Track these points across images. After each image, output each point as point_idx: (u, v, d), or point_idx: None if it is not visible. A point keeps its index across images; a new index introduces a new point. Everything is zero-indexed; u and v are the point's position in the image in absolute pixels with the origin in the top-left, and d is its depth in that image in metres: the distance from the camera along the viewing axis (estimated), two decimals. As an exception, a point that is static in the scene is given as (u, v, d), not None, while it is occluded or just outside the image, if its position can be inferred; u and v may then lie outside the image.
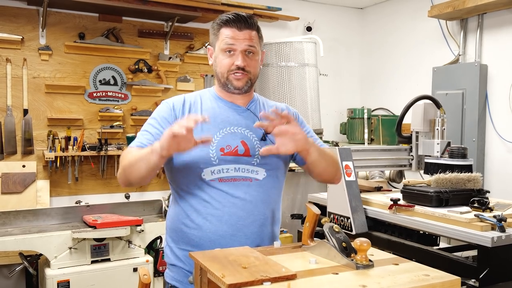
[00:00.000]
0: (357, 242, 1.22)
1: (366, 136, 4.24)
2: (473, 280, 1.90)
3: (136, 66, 3.82)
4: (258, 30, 1.64)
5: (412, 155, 2.99)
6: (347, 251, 1.26)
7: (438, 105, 2.88)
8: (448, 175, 2.42)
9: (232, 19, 1.59)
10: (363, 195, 2.73)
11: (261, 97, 1.79)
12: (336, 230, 1.33)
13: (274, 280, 1.09)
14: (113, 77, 3.76)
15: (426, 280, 1.10)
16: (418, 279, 1.11)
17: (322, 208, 2.98)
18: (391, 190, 3.06)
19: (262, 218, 1.63)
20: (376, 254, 1.36)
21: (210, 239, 1.58)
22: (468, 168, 2.60)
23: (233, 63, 1.59)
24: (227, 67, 1.60)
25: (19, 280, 3.26)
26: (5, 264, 3.14)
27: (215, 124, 1.61)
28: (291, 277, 1.11)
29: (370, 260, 1.22)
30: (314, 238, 1.49)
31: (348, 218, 2.58)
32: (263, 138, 1.64)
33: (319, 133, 4.00)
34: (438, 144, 2.81)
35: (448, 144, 2.82)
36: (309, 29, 4.54)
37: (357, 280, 1.11)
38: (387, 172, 3.43)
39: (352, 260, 1.22)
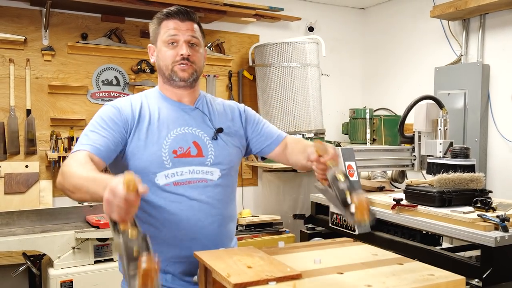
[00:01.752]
0: (355, 200, 1.17)
1: (368, 136, 4.24)
2: (476, 280, 1.90)
3: (139, 67, 3.82)
4: (199, 24, 1.64)
5: (414, 155, 3.00)
6: (349, 203, 1.19)
7: (440, 105, 2.88)
8: (451, 175, 2.43)
9: (174, 12, 1.59)
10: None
11: (207, 95, 1.76)
12: (339, 178, 1.24)
13: (280, 279, 1.10)
14: (115, 77, 3.77)
15: (431, 280, 1.11)
16: (423, 278, 1.12)
17: (325, 208, 2.98)
18: (393, 190, 3.06)
19: (220, 218, 1.60)
20: (380, 253, 1.36)
21: (169, 244, 1.54)
22: (470, 168, 2.60)
23: (177, 54, 1.57)
24: (172, 58, 1.57)
25: (22, 280, 3.26)
26: (8, 264, 3.15)
27: (165, 125, 1.57)
28: (296, 277, 1.12)
29: (371, 217, 1.17)
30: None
31: (351, 218, 2.59)
32: (215, 137, 1.63)
33: (321, 133, 4.00)
34: (440, 144, 2.82)
35: (451, 144, 2.82)
36: (311, 29, 4.55)
37: (362, 279, 1.12)
38: (389, 172, 3.44)
39: (352, 214, 1.17)
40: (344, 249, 1.42)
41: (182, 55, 1.56)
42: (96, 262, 2.86)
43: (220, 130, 1.64)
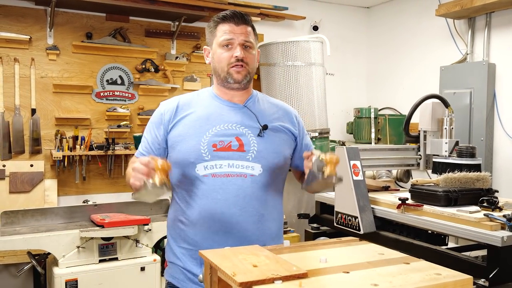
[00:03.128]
0: (327, 157, 1.46)
1: (373, 135, 4.22)
2: (482, 279, 1.89)
3: (143, 66, 3.83)
4: (253, 27, 1.68)
5: (420, 155, 2.98)
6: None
7: (446, 104, 2.86)
8: (457, 174, 2.41)
9: (229, 16, 1.63)
10: (370, 194, 2.72)
11: (260, 94, 1.79)
12: (320, 158, 1.49)
13: (286, 278, 1.09)
14: (120, 76, 3.77)
15: (438, 279, 1.10)
16: (430, 278, 1.11)
17: (330, 207, 2.97)
18: (398, 190, 3.05)
19: (257, 215, 1.61)
20: (386, 253, 1.35)
21: (204, 236, 1.59)
22: (476, 168, 2.58)
23: (232, 56, 1.62)
24: (227, 60, 1.62)
25: (27, 279, 3.27)
26: (13, 263, 3.16)
27: (208, 122, 1.63)
28: (302, 276, 1.11)
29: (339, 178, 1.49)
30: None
31: (356, 217, 2.58)
32: (260, 134, 1.65)
33: (326, 132, 3.99)
34: (446, 143, 2.80)
35: (457, 143, 2.81)
36: (315, 28, 4.54)
37: (368, 278, 1.11)
38: (394, 172, 3.42)
39: (321, 173, 1.45)
40: (350, 248, 1.41)
41: (236, 57, 1.61)
42: (100, 261, 2.86)
43: (265, 127, 1.66)
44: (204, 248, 1.56)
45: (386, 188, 3.00)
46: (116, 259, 2.91)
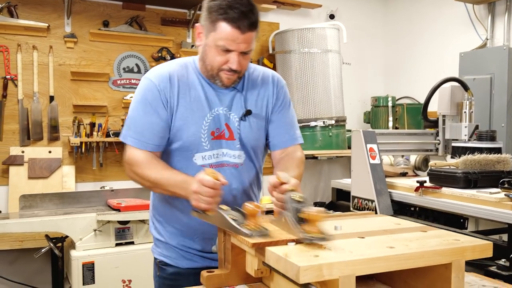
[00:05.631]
0: (306, 211, 1.08)
1: (390, 124, 4.16)
2: (503, 259, 1.84)
3: (159, 54, 3.84)
4: (258, 27, 1.47)
5: (438, 139, 2.93)
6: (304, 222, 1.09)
7: (465, 87, 2.81)
8: (477, 156, 2.36)
9: (236, 18, 1.39)
10: (388, 179, 2.68)
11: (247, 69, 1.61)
12: (297, 199, 1.15)
13: (299, 241, 1.07)
14: (136, 64, 3.79)
15: (456, 244, 1.07)
16: (448, 242, 1.08)
17: (346, 193, 2.94)
18: (417, 176, 3.00)
19: (247, 199, 1.57)
20: (403, 223, 1.32)
21: (199, 221, 1.52)
22: (497, 151, 2.52)
23: (226, 62, 1.46)
24: (220, 64, 1.46)
25: (45, 263, 3.31)
26: (32, 248, 3.19)
27: (205, 104, 1.53)
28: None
29: (326, 234, 1.05)
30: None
31: (372, 201, 2.54)
32: (243, 119, 1.57)
33: (342, 120, 3.95)
34: (466, 127, 2.75)
35: (476, 127, 2.75)
36: (332, 17, 4.49)
37: (383, 242, 1.08)
38: (412, 160, 3.36)
39: (302, 231, 1.06)
40: (366, 219, 1.39)
41: (231, 68, 1.46)
42: (117, 244, 2.88)
43: (249, 113, 1.57)
44: (200, 233, 1.57)
45: (403, 175, 2.95)
46: (132, 243, 2.93)
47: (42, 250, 2.89)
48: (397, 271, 1.12)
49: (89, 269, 2.76)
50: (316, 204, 3.84)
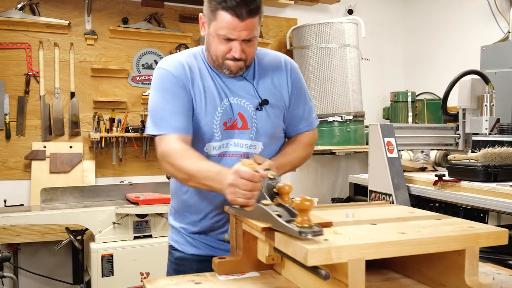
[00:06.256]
0: (297, 200, 0.95)
1: (410, 119, 4.11)
2: (523, 253, 1.80)
3: (177, 50, 3.87)
4: (260, 13, 1.44)
5: (458, 134, 2.88)
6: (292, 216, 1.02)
7: (486, 80, 2.75)
8: (497, 149, 2.32)
9: (235, 5, 1.37)
10: (406, 174, 2.65)
11: (256, 55, 1.58)
12: (269, 176, 1.16)
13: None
14: (155, 61, 3.83)
15: (470, 230, 1.05)
16: (461, 229, 1.06)
17: (364, 189, 2.91)
18: (436, 171, 2.95)
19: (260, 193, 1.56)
20: (417, 212, 1.31)
21: (209, 211, 1.56)
22: (519, 144, 2.47)
23: (229, 51, 1.44)
24: (223, 53, 1.45)
25: (66, 255, 3.39)
26: (53, 241, 3.26)
27: (216, 95, 1.51)
28: (327, 225, 1.08)
29: (316, 226, 0.94)
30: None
31: (390, 195, 2.52)
32: (259, 108, 1.54)
33: (361, 116, 3.92)
34: (486, 120, 2.69)
35: (498, 120, 2.69)
36: (350, 12, 4.45)
37: (395, 228, 1.07)
38: (432, 156, 3.31)
39: (291, 222, 0.97)
40: (379, 208, 1.38)
41: (234, 56, 1.44)
42: (135, 237, 2.92)
43: (265, 102, 1.54)
44: (211, 222, 1.59)
45: (423, 170, 2.91)
46: (150, 236, 2.96)
47: (63, 242, 2.95)
48: (410, 259, 1.11)
49: (108, 262, 2.80)
50: (333, 200, 3.82)
